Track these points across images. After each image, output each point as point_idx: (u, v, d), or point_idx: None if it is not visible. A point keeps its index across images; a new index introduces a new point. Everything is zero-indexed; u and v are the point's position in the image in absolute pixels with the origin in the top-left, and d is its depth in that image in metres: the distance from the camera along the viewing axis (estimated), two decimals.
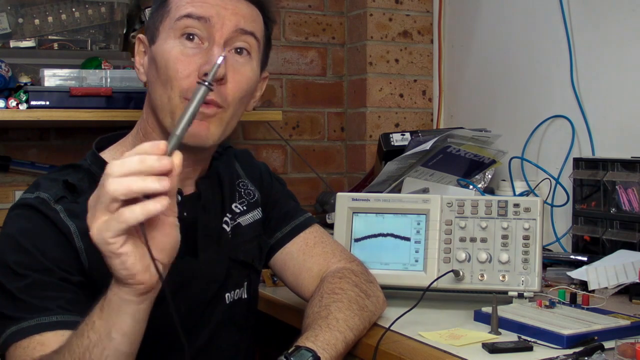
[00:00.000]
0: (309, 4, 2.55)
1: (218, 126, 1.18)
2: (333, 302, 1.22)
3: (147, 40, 1.24)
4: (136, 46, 1.26)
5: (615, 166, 1.75)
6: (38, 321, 1.06)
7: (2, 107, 1.77)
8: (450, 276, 1.42)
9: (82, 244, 1.13)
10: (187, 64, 1.16)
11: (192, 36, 1.17)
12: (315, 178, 2.51)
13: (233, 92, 1.18)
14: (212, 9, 1.17)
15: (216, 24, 1.17)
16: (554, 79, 2.07)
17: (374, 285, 1.35)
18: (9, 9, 1.96)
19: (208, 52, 1.16)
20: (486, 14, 2.34)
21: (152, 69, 1.20)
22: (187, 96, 1.15)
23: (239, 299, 1.31)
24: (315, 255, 1.37)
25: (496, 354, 1.15)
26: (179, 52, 1.16)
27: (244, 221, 1.34)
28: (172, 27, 1.18)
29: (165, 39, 1.18)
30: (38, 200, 1.15)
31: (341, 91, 2.62)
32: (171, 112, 1.17)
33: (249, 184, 1.39)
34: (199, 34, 1.17)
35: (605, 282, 1.53)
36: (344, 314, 1.21)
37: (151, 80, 1.21)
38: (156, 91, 1.19)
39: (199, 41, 1.17)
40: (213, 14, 1.17)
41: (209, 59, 1.15)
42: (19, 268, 1.10)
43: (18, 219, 1.15)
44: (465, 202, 1.46)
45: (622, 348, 1.07)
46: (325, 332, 1.15)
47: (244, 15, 1.20)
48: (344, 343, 1.17)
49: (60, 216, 1.14)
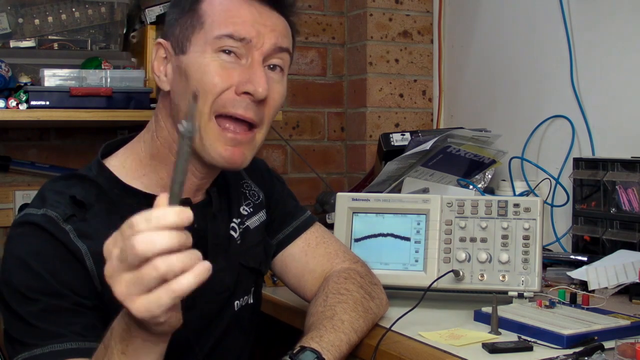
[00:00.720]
0: (309, 4, 2.55)
1: (252, 149, 1.17)
2: (338, 303, 1.22)
3: (172, 47, 1.18)
4: (155, 51, 1.21)
5: (615, 166, 1.75)
6: (51, 349, 1.03)
7: (2, 107, 1.77)
8: (450, 276, 1.42)
9: (94, 266, 1.09)
10: (225, 78, 1.12)
11: (229, 51, 1.13)
12: (315, 178, 2.51)
13: (270, 110, 1.17)
14: (253, 29, 1.14)
15: (256, 42, 1.14)
16: (554, 79, 2.07)
17: (378, 287, 1.35)
18: (9, 9, 1.96)
19: (248, 69, 1.13)
20: (486, 14, 2.34)
21: (182, 80, 1.15)
22: (219, 112, 1.13)
23: (246, 304, 1.30)
24: (318, 256, 1.36)
25: (496, 354, 1.15)
26: (218, 66, 1.13)
27: (252, 224, 1.33)
28: (208, 42, 1.14)
29: (200, 52, 1.14)
30: (45, 218, 1.10)
31: (341, 91, 2.62)
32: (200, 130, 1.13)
33: (252, 184, 1.37)
34: (237, 52, 1.14)
35: (605, 282, 1.53)
36: (350, 315, 1.20)
37: (179, 92, 1.16)
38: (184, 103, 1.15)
39: (236, 56, 1.14)
40: (254, 35, 1.14)
41: (250, 77, 1.13)
42: (30, 292, 1.06)
43: (26, 239, 1.10)
44: (465, 202, 1.46)
45: (622, 348, 1.07)
46: (330, 333, 1.15)
47: (281, 31, 1.18)
48: (348, 345, 1.17)
49: (70, 237, 1.09)
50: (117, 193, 1.17)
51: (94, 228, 1.12)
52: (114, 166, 1.20)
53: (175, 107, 1.17)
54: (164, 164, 1.19)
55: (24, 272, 1.07)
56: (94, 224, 1.12)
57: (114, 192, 1.16)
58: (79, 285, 1.08)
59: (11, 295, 1.07)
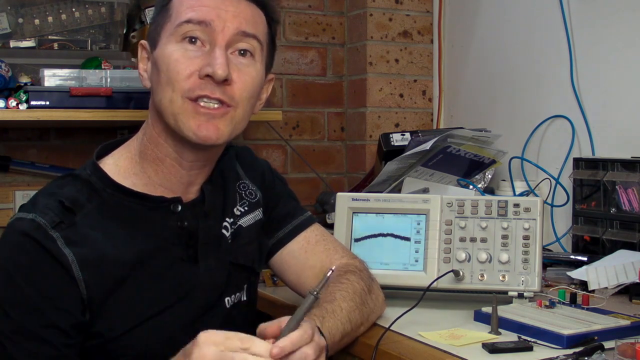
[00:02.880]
0: (309, 4, 2.55)
1: (227, 125, 1.18)
2: (338, 290, 1.23)
3: (149, 46, 1.23)
4: (139, 52, 1.26)
5: (615, 166, 1.75)
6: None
7: (2, 107, 1.77)
8: (450, 276, 1.42)
9: (81, 274, 1.11)
10: (187, 65, 1.16)
11: (193, 39, 1.17)
12: (315, 178, 2.51)
13: (240, 91, 1.18)
14: (213, 12, 1.17)
15: (217, 27, 1.16)
16: (554, 79, 2.07)
17: (375, 284, 1.35)
18: (9, 9, 1.96)
19: (210, 54, 1.16)
20: (486, 14, 2.34)
21: (155, 73, 1.20)
22: (189, 96, 1.15)
23: (238, 302, 1.31)
24: (318, 253, 1.37)
25: (496, 354, 1.15)
26: (180, 55, 1.16)
27: (245, 222, 1.33)
28: (172, 32, 1.18)
29: (166, 43, 1.18)
30: (34, 225, 1.11)
31: (341, 91, 2.62)
32: (173, 114, 1.16)
33: (249, 185, 1.38)
34: (201, 37, 1.17)
35: (605, 282, 1.53)
36: (348, 304, 1.21)
37: (154, 85, 1.21)
38: (158, 94, 1.18)
39: (201, 44, 1.17)
40: (214, 17, 1.16)
41: (210, 60, 1.15)
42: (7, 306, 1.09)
43: (13, 248, 1.12)
44: (465, 202, 1.46)
45: (622, 348, 1.07)
46: (330, 319, 1.15)
47: (246, 17, 1.19)
48: (341, 334, 1.17)
49: (58, 244, 1.11)
50: (109, 192, 1.19)
51: (81, 233, 1.14)
52: (109, 165, 1.22)
53: (154, 100, 1.21)
54: (150, 161, 1.22)
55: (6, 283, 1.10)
56: (82, 229, 1.14)
57: (106, 191, 1.19)
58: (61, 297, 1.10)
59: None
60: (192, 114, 1.16)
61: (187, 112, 1.16)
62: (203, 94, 1.15)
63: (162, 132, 1.21)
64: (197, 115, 1.16)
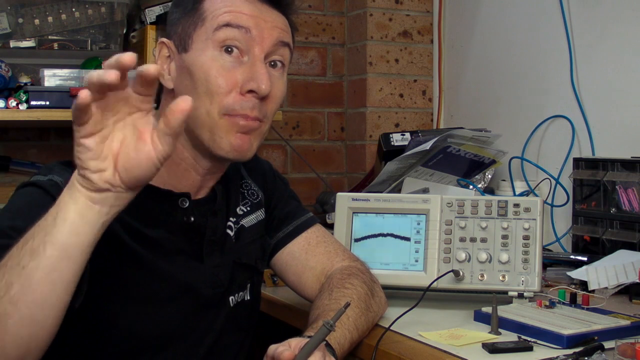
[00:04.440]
0: (309, 4, 2.55)
1: (257, 139, 1.19)
2: (343, 297, 1.22)
3: (175, 46, 1.20)
4: (158, 50, 1.22)
5: (615, 166, 1.75)
6: None
7: (2, 107, 1.77)
8: (450, 276, 1.42)
9: None
10: (228, 79, 1.14)
11: (230, 48, 1.15)
12: (315, 178, 2.51)
13: (272, 107, 1.19)
14: (251, 21, 1.16)
15: (256, 36, 1.15)
16: (554, 79, 2.07)
17: (377, 285, 1.35)
18: (9, 9, 1.96)
19: (250, 67, 1.15)
20: (486, 14, 2.34)
21: (185, 78, 1.17)
22: (227, 112, 1.15)
23: (242, 301, 1.31)
24: (319, 254, 1.37)
25: (496, 354, 1.15)
26: (220, 66, 1.14)
27: (247, 222, 1.33)
28: (209, 37, 1.15)
29: (202, 49, 1.15)
30: (51, 182, 1.09)
31: (341, 91, 2.62)
32: (210, 127, 1.15)
33: (252, 185, 1.38)
34: (239, 46, 1.15)
35: (605, 282, 1.53)
36: (354, 312, 1.21)
37: (183, 91, 1.17)
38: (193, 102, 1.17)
39: (239, 54, 1.16)
40: (252, 24, 1.15)
41: (252, 75, 1.14)
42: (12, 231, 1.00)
43: (27, 195, 1.10)
44: (465, 202, 1.46)
45: (622, 348, 1.07)
46: (338, 329, 1.15)
47: (281, 27, 1.19)
48: (350, 343, 1.17)
49: None
50: None
51: None
52: None
53: None
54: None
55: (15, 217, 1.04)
56: None
57: None
58: None
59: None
60: (229, 128, 1.15)
61: (223, 126, 1.15)
62: (243, 113, 1.15)
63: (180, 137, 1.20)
64: (235, 127, 1.15)
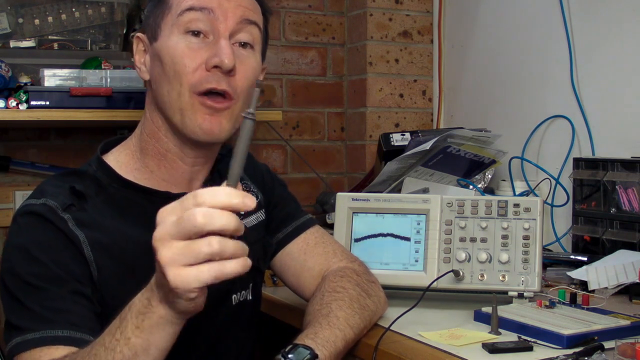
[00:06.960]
0: (309, 4, 2.55)
1: (229, 120, 1.19)
2: (334, 300, 1.22)
3: (147, 38, 1.23)
4: (135, 45, 1.26)
5: (615, 166, 1.75)
6: (43, 334, 1.04)
7: (2, 107, 1.77)
8: (450, 276, 1.42)
9: (92, 254, 1.12)
10: (194, 58, 1.16)
11: (196, 32, 1.17)
12: (315, 178, 2.51)
13: (241, 83, 1.19)
14: (214, 1, 1.17)
15: (220, 15, 1.17)
16: (554, 79, 2.07)
17: (376, 285, 1.35)
18: (9, 9, 1.96)
19: (214, 44, 1.17)
20: (486, 14, 2.34)
21: (157, 66, 1.20)
22: (197, 90, 1.16)
23: (244, 300, 1.31)
24: (317, 255, 1.37)
25: (496, 354, 1.15)
26: (185, 47, 1.16)
27: (248, 223, 1.33)
28: (174, 22, 1.18)
29: (168, 35, 1.18)
30: (45, 208, 1.12)
31: (341, 91, 2.62)
32: (181, 108, 1.17)
33: (251, 186, 1.38)
34: (203, 29, 1.17)
35: (605, 282, 1.53)
36: (345, 312, 1.21)
37: (156, 79, 1.20)
38: (163, 88, 1.18)
39: (204, 36, 1.18)
40: (215, 5, 1.17)
41: (216, 51, 1.16)
42: (32, 278, 1.07)
43: (27, 228, 1.12)
44: (465, 202, 1.46)
45: (622, 348, 1.07)
46: (325, 330, 1.15)
47: (246, 6, 1.21)
48: (343, 341, 1.17)
49: (69, 225, 1.12)
50: (115, 187, 1.20)
51: (92, 218, 1.15)
52: (111, 161, 1.23)
53: (155, 93, 1.21)
54: (152, 156, 1.23)
55: (26, 259, 1.09)
56: (92, 214, 1.16)
57: (112, 186, 1.20)
58: (79, 272, 1.11)
59: (12, 282, 1.09)
60: (197, 109, 1.16)
61: (193, 107, 1.16)
62: (210, 87, 1.16)
63: (162, 126, 1.21)
64: (202, 109, 1.16)
